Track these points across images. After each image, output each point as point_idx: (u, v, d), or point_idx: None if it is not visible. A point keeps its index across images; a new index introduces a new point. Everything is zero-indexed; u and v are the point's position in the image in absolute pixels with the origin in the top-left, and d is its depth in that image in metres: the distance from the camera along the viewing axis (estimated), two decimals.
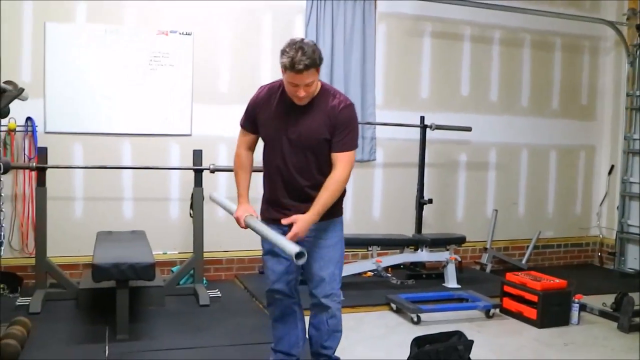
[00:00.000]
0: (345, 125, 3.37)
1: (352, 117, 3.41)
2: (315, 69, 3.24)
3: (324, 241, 3.53)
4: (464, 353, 3.98)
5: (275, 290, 3.65)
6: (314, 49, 3.23)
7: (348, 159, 3.38)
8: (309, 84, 3.26)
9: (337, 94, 3.44)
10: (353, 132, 3.41)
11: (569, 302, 5.28)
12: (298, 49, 3.18)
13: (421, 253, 6.29)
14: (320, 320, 3.62)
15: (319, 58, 3.26)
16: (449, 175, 7.25)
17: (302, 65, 3.17)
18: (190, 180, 5.62)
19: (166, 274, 6.01)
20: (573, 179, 7.90)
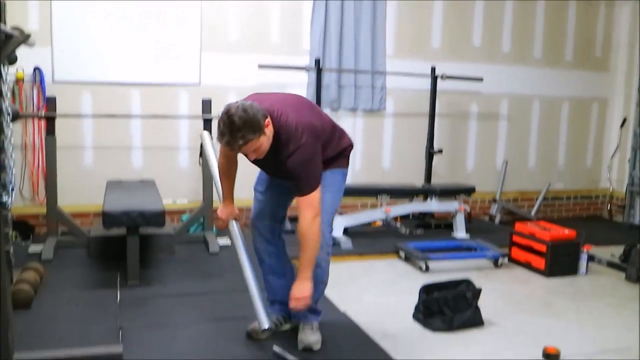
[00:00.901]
0: (295, 172, 3.19)
1: (301, 162, 3.17)
2: (256, 138, 3.02)
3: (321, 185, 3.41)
4: (472, 300, 4.01)
5: (257, 234, 3.64)
6: (246, 119, 2.95)
7: (307, 203, 3.21)
8: (255, 150, 3.09)
9: (289, 140, 3.16)
10: (306, 178, 3.20)
11: (578, 252, 5.29)
12: (228, 124, 2.96)
13: (430, 203, 6.29)
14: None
15: (256, 126, 2.99)
16: (460, 125, 7.20)
17: (236, 146, 3.02)
18: (199, 128, 5.60)
19: (176, 222, 6.04)
20: (585, 131, 7.84)
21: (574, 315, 4.32)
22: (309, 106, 3.42)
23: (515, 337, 3.90)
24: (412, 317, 4.09)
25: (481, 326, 4.00)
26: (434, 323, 3.92)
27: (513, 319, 4.17)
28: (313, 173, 3.22)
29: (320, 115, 3.43)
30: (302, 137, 3.15)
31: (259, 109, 3.04)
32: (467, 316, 3.95)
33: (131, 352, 3.36)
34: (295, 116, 3.20)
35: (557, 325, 4.10)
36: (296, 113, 3.23)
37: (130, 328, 3.72)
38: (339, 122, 3.67)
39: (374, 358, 3.48)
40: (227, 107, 3.03)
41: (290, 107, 3.25)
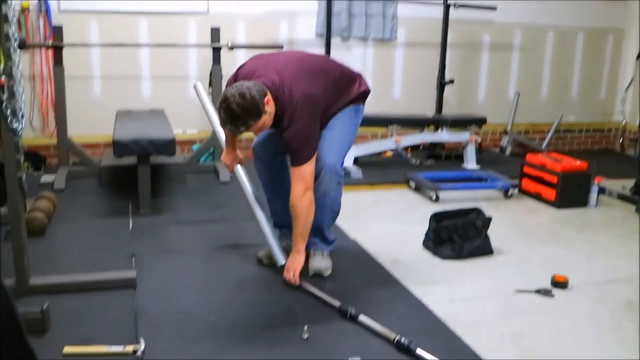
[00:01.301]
0: (289, 145, 3.22)
1: (295, 136, 3.17)
2: (257, 119, 3.03)
3: (333, 120, 3.43)
4: (482, 229, 4.02)
5: (257, 152, 3.61)
6: (244, 106, 2.95)
7: (299, 176, 3.23)
8: (259, 128, 3.12)
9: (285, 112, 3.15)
10: (299, 150, 3.21)
11: (589, 184, 5.27)
12: (227, 114, 2.98)
13: (441, 133, 6.26)
14: (319, 194, 3.41)
15: (255, 111, 3.00)
16: (472, 56, 7.09)
17: (239, 130, 3.07)
18: (208, 58, 5.55)
19: (186, 152, 6.05)
20: (599, 63, 7.71)
21: (583, 245, 4.34)
22: (312, 70, 3.33)
23: (524, 265, 3.92)
24: (421, 245, 4.12)
25: (490, 255, 4.02)
26: (444, 251, 3.95)
27: (522, 249, 4.19)
28: (307, 146, 3.22)
29: (325, 76, 3.35)
30: (298, 110, 3.14)
31: (257, 89, 3.02)
32: (476, 244, 3.97)
33: (144, 277, 3.41)
34: (294, 87, 3.16)
35: (566, 255, 4.12)
36: (296, 82, 3.18)
37: (142, 254, 3.77)
38: (349, 53, 3.61)
39: (384, 284, 3.52)
40: (224, 94, 3.02)
41: (290, 76, 3.20)
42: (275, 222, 3.76)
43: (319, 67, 3.39)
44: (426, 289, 3.47)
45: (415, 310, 3.22)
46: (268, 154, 3.61)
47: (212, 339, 2.84)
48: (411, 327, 2.97)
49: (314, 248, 3.62)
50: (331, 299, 3.16)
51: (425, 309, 3.22)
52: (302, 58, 3.43)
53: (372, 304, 3.20)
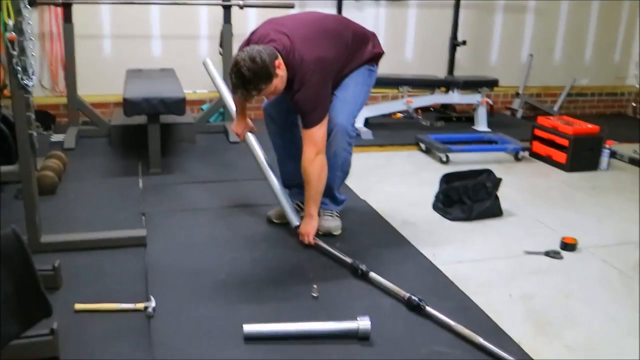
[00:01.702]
0: (300, 109, 3.20)
1: (306, 99, 3.15)
2: (269, 85, 3.01)
3: (346, 80, 3.41)
4: (492, 190, 4.01)
5: (268, 112, 3.61)
6: (255, 70, 2.91)
7: (310, 140, 3.21)
8: (272, 92, 3.09)
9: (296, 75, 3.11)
10: (310, 113, 3.17)
11: (600, 147, 5.24)
12: (238, 78, 2.95)
13: (452, 95, 6.21)
14: (331, 153, 3.38)
15: (267, 74, 2.96)
16: (485, 17, 6.99)
17: (251, 94, 3.02)
18: (219, 16, 5.48)
19: (196, 112, 6.03)
20: (614, 26, 7.58)
21: (593, 208, 4.33)
22: (325, 32, 3.28)
23: (534, 227, 3.92)
24: (431, 207, 4.12)
25: (500, 216, 4.03)
26: (454, 212, 3.95)
27: (532, 211, 4.19)
28: (318, 109, 3.19)
29: (338, 38, 3.31)
30: (309, 74, 3.10)
31: (267, 52, 2.99)
32: (486, 206, 3.97)
33: (154, 235, 3.43)
34: (305, 50, 3.12)
35: (576, 218, 4.12)
36: (307, 46, 3.14)
37: (152, 213, 3.78)
38: (362, 13, 3.55)
39: (394, 244, 3.53)
40: (235, 58, 2.99)
41: (302, 40, 3.15)
42: (285, 182, 3.76)
43: (331, 29, 3.34)
44: (436, 249, 3.48)
45: (425, 271, 3.23)
46: (279, 115, 3.60)
47: (222, 296, 2.86)
48: (420, 287, 2.99)
49: (323, 208, 3.62)
50: (343, 256, 3.18)
51: (435, 270, 3.24)
52: (315, 20, 3.38)
53: (382, 264, 3.21)
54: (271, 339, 2.52)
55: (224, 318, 2.68)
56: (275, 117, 3.60)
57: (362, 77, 3.45)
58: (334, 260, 3.22)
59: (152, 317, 2.63)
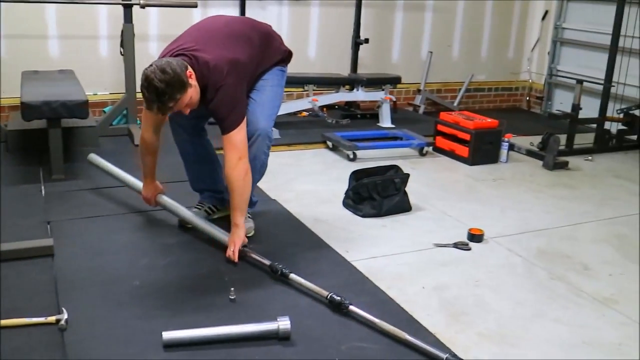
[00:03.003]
0: (218, 116, 3.14)
1: (223, 104, 3.09)
2: (184, 94, 2.92)
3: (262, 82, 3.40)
4: (401, 185, 4.11)
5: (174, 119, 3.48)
6: (167, 80, 2.83)
7: (231, 144, 3.14)
8: (187, 104, 2.99)
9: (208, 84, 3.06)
10: (228, 118, 3.12)
11: (500, 141, 5.46)
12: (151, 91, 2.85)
13: (357, 92, 6.30)
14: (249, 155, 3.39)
15: (180, 83, 2.88)
16: (386, 15, 7.13)
17: (167, 107, 2.91)
18: (119, 16, 5.34)
19: (98, 115, 5.84)
20: (507, 23, 7.90)
21: (496, 200, 4.51)
22: (235, 36, 3.25)
23: (442, 220, 4.05)
24: (342, 204, 4.17)
25: (409, 211, 4.13)
26: (364, 208, 4.02)
27: (439, 204, 4.32)
28: (234, 112, 3.13)
29: (249, 41, 3.28)
30: (222, 77, 3.06)
31: (177, 63, 2.92)
32: (395, 201, 4.06)
33: (62, 244, 3.31)
34: (215, 56, 3.07)
35: (480, 209, 4.28)
36: (217, 52, 3.10)
37: (58, 221, 3.65)
38: (264, 12, 3.55)
39: (307, 243, 3.55)
40: (144, 74, 2.89)
41: (211, 47, 3.11)
42: (196, 187, 3.72)
43: (238, 32, 3.31)
44: (349, 246, 3.54)
45: (339, 268, 3.28)
46: (187, 121, 3.49)
47: (138, 304, 2.80)
48: (336, 283, 3.02)
49: None
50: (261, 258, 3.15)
51: (349, 266, 3.29)
52: (220, 26, 3.32)
53: (297, 263, 3.23)
54: (191, 345, 2.49)
55: (141, 326, 2.62)
56: (184, 123, 3.51)
57: (277, 79, 3.45)
58: (252, 264, 3.20)
59: (65, 330, 2.54)
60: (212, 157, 3.68)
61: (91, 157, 4.08)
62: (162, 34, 6.05)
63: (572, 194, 4.73)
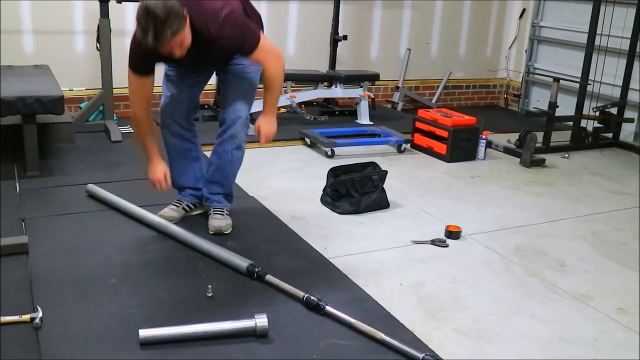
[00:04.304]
0: (233, 42, 3.11)
1: (233, 33, 3.08)
2: (183, 28, 2.88)
3: (241, 67, 3.38)
4: (379, 182, 4.11)
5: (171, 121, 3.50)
6: (169, 9, 2.79)
7: (267, 52, 3.19)
8: (181, 43, 2.93)
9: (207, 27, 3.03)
10: (245, 34, 3.13)
11: (477, 138, 5.49)
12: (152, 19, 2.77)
13: (335, 89, 6.29)
14: (225, 150, 3.44)
15: (180, 14, 2.84)
16: (365, 12, 7.13)
17: (165, 41, 2.84)
18: (95, 11, 5.28)
19: (74, 111, 5.78)
20: (485, 21, 7.93)
21: (473, 197, 4.53)
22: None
23: (420, 217, 4.06)
24: (320, 200, 4.16)
25: (387, 208, 4.13)
26: (342, 205, 4.02)
27: (417, 201, 4.33)
28: (249, 33, 3.15)
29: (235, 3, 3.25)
30: (220, 11, 3.03)
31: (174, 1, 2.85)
32: (373, 198, 4.07)
33: (37, 242, 3.27)
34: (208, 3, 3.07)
35: (458, 206, 4.30)
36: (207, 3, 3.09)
37: (33, 219, 3.60)
38: None
39: (285, 240, 3.54)
40: (143, 4, 2.80)
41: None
42: (179, 183, 3.68)
43: None
44: (326, 243, 3.54)
45: (317, 265, 3.27)
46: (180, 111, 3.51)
47: (114, 301, 2.77)
48: (314, 281, 3.02)
49: (214, 206, 3.60)
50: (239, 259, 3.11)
51: (327, 263, 3.29)
52: None
53: (274, 260, 3.23)
54: (168, 343, 2.47)
55: (117, 324, 2.59)
56: (180, 119, 3.51)
57: (255, 67, 3.41)
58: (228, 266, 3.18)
59: (39, 329, 2.50)
60: (198, 154, 3.68)
61: (90, 188, 3.99)
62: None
63: (548, 191, 4.76)
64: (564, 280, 3.30)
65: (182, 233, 3.38)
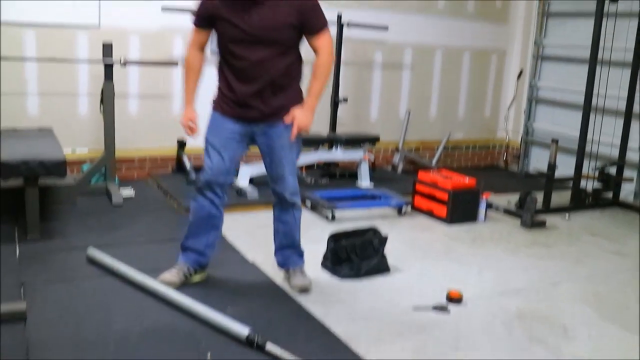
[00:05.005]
0: (312, 10, 3.40)
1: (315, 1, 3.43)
2: None
3: (287, 139, 3.53)
4: (379, 247, 4.11)
5: (209, 184, 3.56)
6: None
7: (327, 41, 3.47)
8: None
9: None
10: (322, 13, 3.45)
11: (477, 200, 5.50)
12: None
13: (335, 152, 6.33)
14: (290, 215, 3.73)
15: None
16: (365, 74, 7.24)
17: None
18: (100, 74, 5.38)
19: (76, 172, 5.81)
20: (484, 82, 8.06)
21: (474, 260, 4.52)
22: None
23: (420, 282, 4.04)
24: (320, 265, 4.15)
25: (387, 272, 4.11)
26: (342, 270, 4.00)
27: (418, 265, 4.31)
28: (322, 12, 3.45)
29: None
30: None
31: None
32: (374, 263, 4.05)
33: (35, 308, 3.25)
34: None
35: (459, 270, 4.28)
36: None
37: (32, 283, 3.58)
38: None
39: (285, 306, 3.52)
40: None
41: None
42: (188, 243, 3.69)
43: None
44: (327, 309, 3.51)
45: (317, 332, 3.24)
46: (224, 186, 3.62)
47: None
48: (314, 349, 3.00)
49: (292, 266, 3.80)
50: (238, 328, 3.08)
51: (327, 330, 3.26)
52: None
53: (275, 327, 3.20)
54: None
55: None
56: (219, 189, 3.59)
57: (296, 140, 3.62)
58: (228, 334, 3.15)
59: None
60: (219, 224, 3.73)
61: (90, 252, 4.00)
62: (142, 92, 6.09)
63: (549, 253, 4.75)
64: (567, 346, 3.27)
65: (182, 299, 3.36)
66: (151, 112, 6.17)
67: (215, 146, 3.52)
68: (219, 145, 3.52)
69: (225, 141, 3.52)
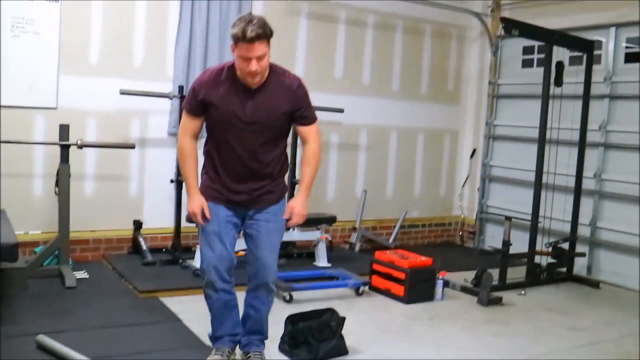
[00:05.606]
0: (305, 102, 3.53)
1: (307, 92, 3.56)
2: (266, 41, 3.29)
3: (273, 225, 3.60)
4: (337, 328, 4.08)
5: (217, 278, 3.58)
6: (264, 22, 3.28)
7: (317, 131, 3.60)
8: (261, 57, 3.28)
9: (286, 73, 3.53)
10: (311, 106, 3.59)
11: (434, 278, 5.53)
12: (248, 21, 3.22)
13: (293, 232, 6.33)
14: (262, 301, 3.72)
15: (269, 30, 3.30)
16: (321, 155, 7.27)
17: (253, 33, 3.19)
18: (55, 155, 5.34)
19: (28, 255, 5.69)
20: (438, 162, 8.24)
21: (432, 339, 4.52)
22: None
23: None
24: (277, 348, 4.10)
25: (346, 354, 4.08)
26: (300, 353, 3.96)
27: (375, 346, 4.29)
28: (312, 106, 3.61)
29: None
30: (297, 76, 3.58)
31: None
32: (332, 345, 4.02)
33: None
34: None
35: (417, 350, 4.27)
36: None
37: None
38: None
39: None
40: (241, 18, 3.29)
41: None
42: (217, 334, 3.74)
43: None
44: None
45: None
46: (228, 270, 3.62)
47: None
48: None
49: (253, 350, 3.76)
50: None
51: None
52: None
53: None
54: None
55: None
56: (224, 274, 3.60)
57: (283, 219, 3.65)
58: None
59: None
60: (236, 302, 3.76)
61: (40, 339, 3.89)
62: (98, 173, 6.06)
63: (506, 330, 4.79)
64: None
65: None
66: (107, 193, 6.13)
67: (215, 233, 3.53)
68: (219, 232, 3.54)
69: (224, 226, 3.55)
